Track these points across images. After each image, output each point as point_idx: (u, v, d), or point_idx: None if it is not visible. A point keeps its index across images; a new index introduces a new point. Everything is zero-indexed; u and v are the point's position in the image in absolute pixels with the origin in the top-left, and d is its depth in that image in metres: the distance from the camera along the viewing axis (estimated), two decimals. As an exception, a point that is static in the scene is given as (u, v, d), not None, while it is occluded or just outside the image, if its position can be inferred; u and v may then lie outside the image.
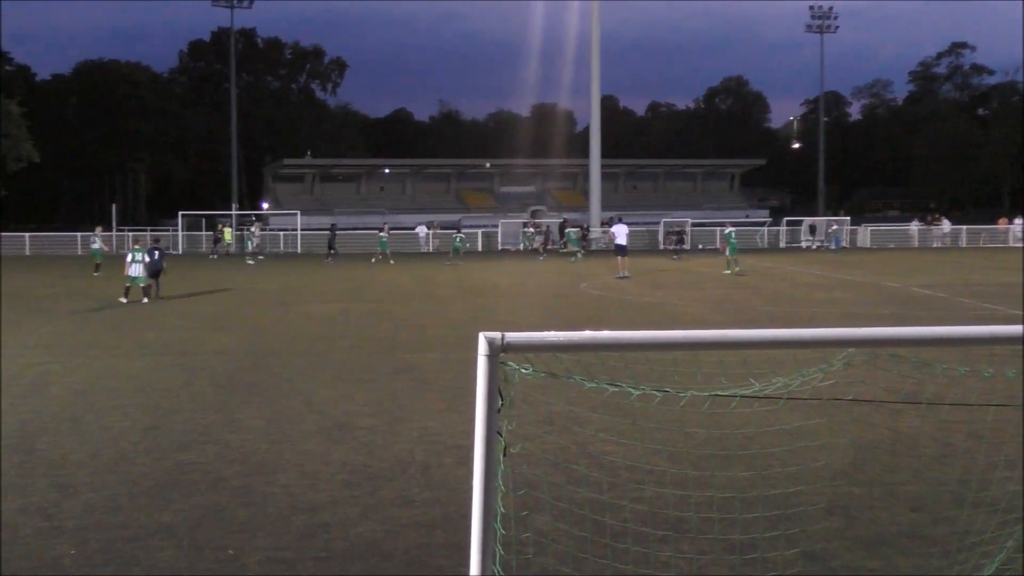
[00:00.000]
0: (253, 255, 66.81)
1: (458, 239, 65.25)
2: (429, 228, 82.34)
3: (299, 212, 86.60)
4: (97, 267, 50.31)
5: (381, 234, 64.87)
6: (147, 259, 35.28)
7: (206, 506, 10.71)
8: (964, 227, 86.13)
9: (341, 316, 30.29)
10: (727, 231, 51.64)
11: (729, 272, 46.97)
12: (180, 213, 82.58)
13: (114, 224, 78.61)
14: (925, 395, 11.97)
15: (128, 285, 34.65)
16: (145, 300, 34.53)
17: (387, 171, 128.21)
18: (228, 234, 76.30)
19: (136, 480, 11.71)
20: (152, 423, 14.82)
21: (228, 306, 34.11)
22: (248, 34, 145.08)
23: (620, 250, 47.55)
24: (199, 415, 15.37)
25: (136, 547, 9.43)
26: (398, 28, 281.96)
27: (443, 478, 11.72)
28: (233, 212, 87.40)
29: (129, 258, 35.38)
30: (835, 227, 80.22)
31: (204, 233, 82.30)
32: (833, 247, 75.04)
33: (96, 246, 55.74)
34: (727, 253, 49.43)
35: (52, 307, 33.32)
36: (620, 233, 48.45)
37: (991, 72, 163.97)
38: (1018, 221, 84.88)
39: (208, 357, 21.78)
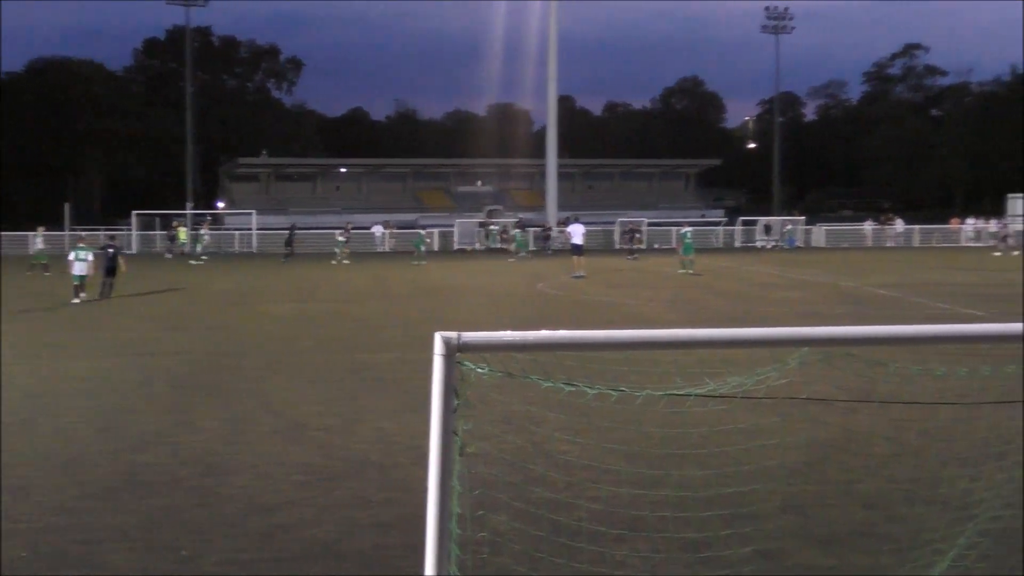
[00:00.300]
0: (198, 256, 66.20)
1: (420, 236, 65.51)
2: (385, 228, 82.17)
3: (255, 211, 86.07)
4: (45, 267, 49.83)
5: (339, 236, 64.82)
6: (90, 258, 35.02)
7: (161, 507, 10.65)
8: (917, 227, 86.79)
9: (297, 316, 30.20)
10: (683, 231, 51.81)
11: (684, 271, 47.13)
12: (134, 212, 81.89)
13: (67, 223, 77.83)
14: (878, 394, 12.05)
15: (76, 284, 34.44)
16: (83, 295, 34.20)
17: (343, 170, 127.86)
18: (183, 233, 75.76)
19: (90, 482, 11.63)
20: (106, 424, 14.73)
21: (183, 306, 33.93)
22: (204, 32, 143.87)
23: (576, 250, 47.63)
24: (154, 416, 15.28)
25: (89, 549, 9.37)
26: (354, 27, 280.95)
27: (399, 478, 11.71)
28: (188, 211, 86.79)
29: (72, 256, 35.18)
30: (789, 227, 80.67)
31: (159, 232, 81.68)
32: (788, 246, 75.44)
33: (39, 246, 55.37)
34: (681, 252, 49.58)
35: (4, 308, 33.01)
36: (576, 233, 48.52)
37: (944, 73, 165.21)
38: (970, 221, 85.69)
39: (163, 357, 21.66)
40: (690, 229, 52.32)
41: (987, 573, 8.22)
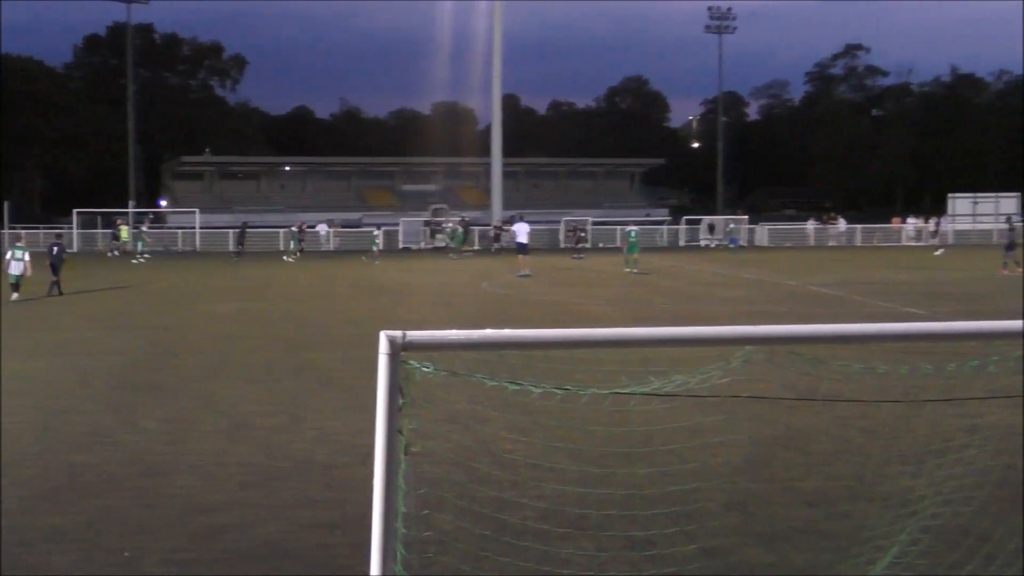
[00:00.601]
0: (139, 255, 65.46)
1: (373, 235, 65.69)
2: (330, 227, 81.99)
3: (198, 210, 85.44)
4: None
5: (293, 229, 65.50)
6: (27, 257, 34.68)
7: (101, 508, 10.55)
8: (859, 226, 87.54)
9: (241, 315, 30.02)
10: (628, 229, 52.01)
11: (629, 270, 47.28)
12: (75, 211, 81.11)
13: (6, 222, 76.93)
14: (821, 392, 12.14)
15: (12, 283, 34.11)
16: (14, 297, 33.75)
17: (287, 169, 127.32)
18: (124, 232, 75.01)
19: (28, 483, 11.49)
20: (46, 424, 14.57)
21: (125, 305, 33.65)
22: (145, 29, 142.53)
23: (521, 248, 47.68)
24: (95, 416, 15.13)
25: (28, 551, 9.26)
26: (299, 25, 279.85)
27: (344, 478, 11.67)
28: (130, 210, 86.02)
29: (8, 255, 34.84)
30: (732, 226, 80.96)
31: (101, 231, 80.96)
32: (731, 246, 75.78)
33: None
34: (626, 251, 49.75)
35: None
36: (521, 232, 48.55)
37: (885, 73, 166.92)
38: (911, 220, 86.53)
39: (104, 357, 21.46)
40: (636, 228, 52.55)
41: (928, 570, 8.31)
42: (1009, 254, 45.27)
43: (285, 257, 60.83)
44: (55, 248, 36.94)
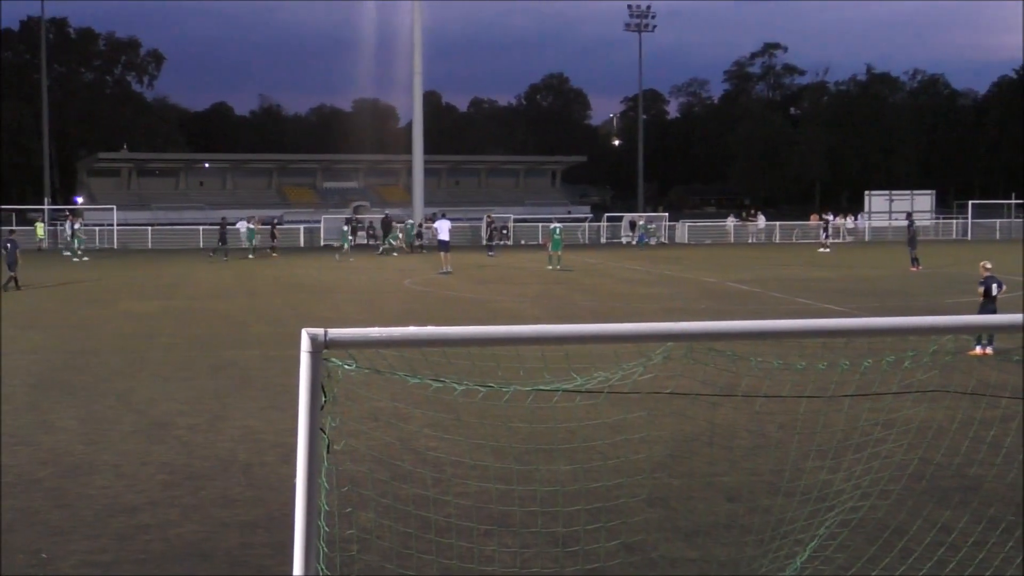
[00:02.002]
0: (77, 252, 64.36)
1: (343, 232, 65.21)
2: (250, 223, 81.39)
3: (115, 207, 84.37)
4: None
5: (250, 225, 65.40)
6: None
7: (18, 509, 10.40)
8: (778, 223, 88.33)
9: (160, 313, 29.67)
10: (552, 227, 52.19)
11: (552, 268, 47.39)
12: (-10, 207, 79.90)
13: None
14: (741, 388, 12.26)
15: None
16: None
17: (207, 165, 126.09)
18: (40, 229, 73.85)
19: (-57, 484, 11.30)
20: (-40, 425, 14.32)
21: (40, 303, 33.13)
22: (60, 24, 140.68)
23: (443, 246, 47.65)
24: (10, 416, 14.89)
25: (-56, 554, 9.11)
26: (217, 20, 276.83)
27: (266, 477, 11.61)
28: (45, 207, 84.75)
29: None
30: (642, 223, 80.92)
31: (16, 228, 79.68)
32: (650, 242, 75.92)
33: None
34: (550, 248, 49.87)
35: None
36: (443, 229, 48.53)
37: (802, 72, 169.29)
38: (828, 218, 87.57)
39: (19, 356, 21.10)
40: (559, 225, 52.72)
41: (845, 563, 8.43)
42: (911, 250, 46.28)
43: (249, 255, 60.83)
44: (9, 244, 36.93)
